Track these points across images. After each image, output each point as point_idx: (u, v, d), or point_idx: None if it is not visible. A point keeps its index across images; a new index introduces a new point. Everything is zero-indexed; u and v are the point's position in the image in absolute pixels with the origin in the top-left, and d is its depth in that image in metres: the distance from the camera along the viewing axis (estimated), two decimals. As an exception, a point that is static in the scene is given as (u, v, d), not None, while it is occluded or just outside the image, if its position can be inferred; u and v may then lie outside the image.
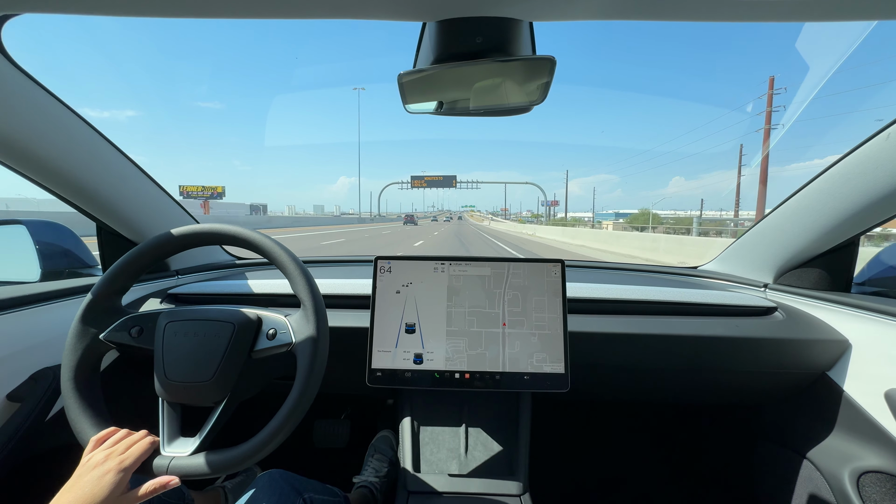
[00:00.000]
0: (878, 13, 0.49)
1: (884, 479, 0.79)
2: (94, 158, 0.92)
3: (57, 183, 0.90)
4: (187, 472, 0.60)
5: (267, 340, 0.69)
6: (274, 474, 0.81)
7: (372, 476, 1.17)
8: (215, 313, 0.70)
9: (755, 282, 1.14)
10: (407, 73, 0.61)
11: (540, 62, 0.55)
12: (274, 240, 0.72)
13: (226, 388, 0.66)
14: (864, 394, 0.86)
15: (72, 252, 1.11)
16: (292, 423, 0.62)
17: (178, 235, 0.73)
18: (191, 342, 0.67)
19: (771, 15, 0.49)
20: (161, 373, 0.66)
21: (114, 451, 0.58)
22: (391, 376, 0.83)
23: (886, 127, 0.75)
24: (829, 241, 0.95)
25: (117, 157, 0.97)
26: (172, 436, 0.65)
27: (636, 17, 0.51)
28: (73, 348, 0.68)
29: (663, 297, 1.03)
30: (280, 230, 28.14)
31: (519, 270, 0.87)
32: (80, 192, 0.94)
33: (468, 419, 0.97)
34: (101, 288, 0.71)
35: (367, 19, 0.54)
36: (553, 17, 0.53)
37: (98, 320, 0.70)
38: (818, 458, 0.92)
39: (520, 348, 0.83)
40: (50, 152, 0.83)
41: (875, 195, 0.81)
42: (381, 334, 0.84)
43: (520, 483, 0.87)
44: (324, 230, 29.99)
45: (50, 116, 0.81)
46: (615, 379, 1.06)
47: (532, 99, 0.61)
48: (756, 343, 0.94)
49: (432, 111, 0.70)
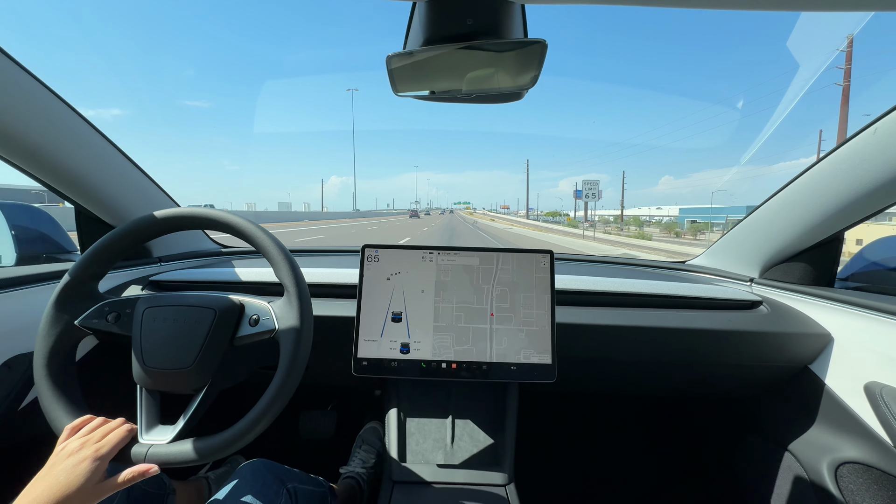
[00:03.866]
0: (873, 4, 0.49)
1: (861, 469, 0.81)
2: (71, 137, 0.88)
3: (31, 163, 0.86)
4: (166, 460, 0.59)
5: (249, 327, 0.67)
6: (257, 464, 0.80)
7: (359, 467, 1.17)
8: (196, 299, 0.68)
9: (741, 276, 1.15)
10: (396, 56, 0.60)
11: (531, 46, 0.54)
12: (258, 225, 0.71)
13: (206, 375, 0.65)
14: (844, 386, 0.87)
15: (49, 236, 1.08)
16: (275, 409, 0.61)
17: (160, 218, 0.70)
18: (170, 328, 0.65)
19: (766, 3, 0.49)
20: (139, 359, 0.64)
21: (90, 439, 0.57)
22: (377, 365, 0.82)
23: (874, 122, 0.75)
24: (814, 236, 0.96)
25: (95, 136, 0.94)
26: (151, 423, 0.64)
27: (630, 1, 0.51)
28: (46, 334, 0.66)
29: (651, 290, 1.04)
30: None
31: (508, 262, 0.86)
32: (57, 173, 0.90)
33: (455, 410, 0.97)
34: (77, 271, 0.69)
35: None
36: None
37: (73, 305, 0.68)
38: (799, 449, 0.94)
39: (507, 344, 0.83)
40: (23, 130, 0.79)
41: (860, 191, 0.81)
42: (367, 323, 0.83)
43: (505, 473, 0.87)
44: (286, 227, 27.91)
45: (22, 92, 0.77)
46: (602, 370, 1.07)
47: (523, 83, 0.60)
48: (741, 336, 0.95)
49: (422, 96, 0.68)
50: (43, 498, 0.49)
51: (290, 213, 45.41)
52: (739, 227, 1.17)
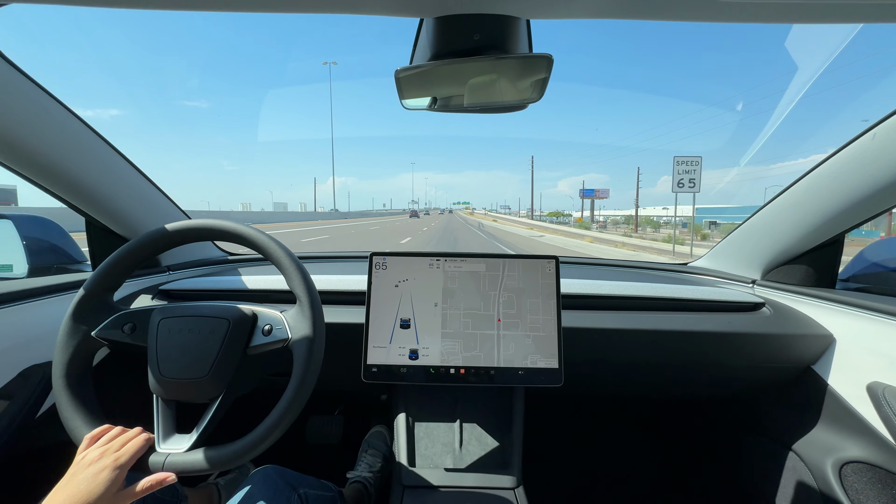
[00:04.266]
0: (864, 17, 0.51)
1: (865, 468, 0.82)
2: (83, 151, 0.90)
3: (45, 177, 0.88)
4: (183, 469, 0.60)
5: (263, 336, 0.69)
6: (268, 470, 0.81)
7: (366, 471, 1.18)
8: (210, 309, 0.69)
9: (744, 278, 1.16)
10: (404, 70, 0.61)
11: (537, 60, 0.56)
12: (269, 235, 0.72)
13: (221, 384, 0.66)
14: (847, 387, 0.88)
15: (60, 247, 1.10)
16: (289, 418, 0.62)
17: (172, 231, 0.72)
18: (185, 338, 0.66)
19: (763, 17, 0.50)
20: (155, 369, 0.65)
21: (109, 448, 0.58)
22: (387, 372, 0.83)
23: (872, 127, 0.77)
24: (815, 238, 0.97)
25: (106, 150, 0.95)
26: (168, 433, 0.65)
27: (632, 16, 0.52)
28: (64, 345, 0.67)
29: (654, 293, 1.05)
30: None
31: (514, 268, 0.87)
32: (69, 186, 0.92)
33: (462, 414, 0.98)
34: (93, 284, 0.70)
35: (364, 14, 0.54)
36: (551, 15, 0.53)
37: (89, 317, 0.69)
38: (803, 449, 0.95)
39: (514, 350, 0.84)
40: (37, 145, 0.81)
41: (860, 194, 0.83)
42: (376, 330, 0.85)
43: (513, 477, 0.88)
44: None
45: (37, 108, 0.79)
46: (607, 373, 1.08)
47: (528, 97, 0.61)
48: (744, 338, 0.96)
49: (428, 107, 0.70)
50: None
51: (273, 214, 44.95)
52: (741, 230, 1.18)
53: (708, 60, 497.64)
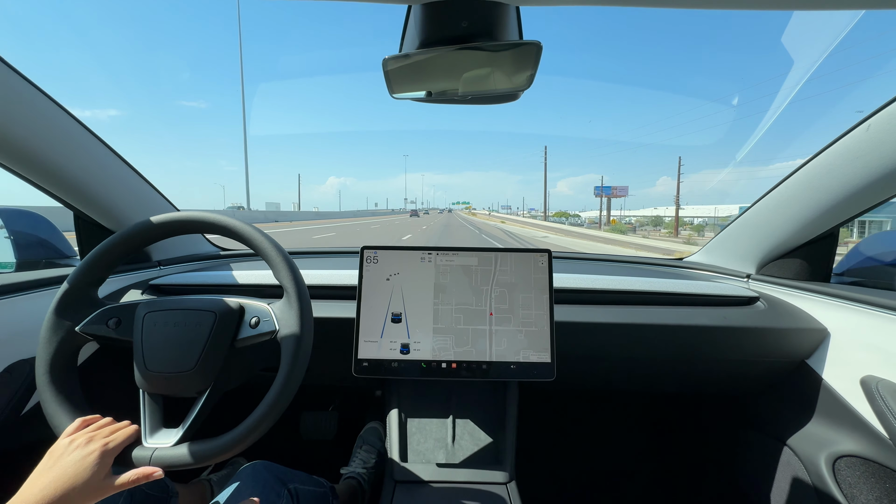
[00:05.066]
0: (864, 2, 0.50)
1: (858, 462, 0.82)
2: (69, 143, 0.88)
3: (30, 169, 0.86)
4: (170, 464, 0.59)
5: (250, 329, 0.68)
6: (258, 465, 0.81)
7: (360, 467, 1.17)
8: (195, 302, 0.68)
9: (738, 272, 1.16)
10: (392, 59, 0.60)
11: (526, 47, 0.55)
12: (256, 228, 0.71)
13: (208, 377, 0.65)
14: (841, 381, 0.88)
15: (48, 242, 1.08)
16: (277, 411, 0.62)
17: (157, 223, 0.71)
18: (171, 332, 0.66)
19: (759, 3, 0.49)
20: (141, 364, 0.64)
21: (98, 434, 0.57)
22: (377, 366, 0.82)
23: (867, 118, 0.76)
24: (810, 232, 0.96)
25: (93, 141, 0.94)
26: (154, 427, 0.64)
27: (623, 2, 0.51)
28: (47, 341, 0.66)
29: (649, 288, 1.04)
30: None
31: (506, 262, 0.86)
32: (55, 178, 0.90)
33: (455, 409, 0.97)
34: (77, 278, 0.69)
35: (353, 1, 0.52)
36: (539, 1, 0.52)
37: (74, 312, 0.68)
38: (797, 444, 0.94)
39: (507, 345, 0.83)
40: (21, 136, 0.80)
41: (855, 186, 0.82)
42: (367, 324, 0.84)
43: (506, 472, 0.88)
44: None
45: (20, 98, 0.77)
46: (600, 368, 1.07)
47: (519, 84, 0.61)
48: (739, 332, 0.95)
49: (418, 98, 0.68)
50: (50, 489, 0.49)
51: (266, 213, 44.75)
52: (736, 224, 1.17)
53: (705, 55, 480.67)
